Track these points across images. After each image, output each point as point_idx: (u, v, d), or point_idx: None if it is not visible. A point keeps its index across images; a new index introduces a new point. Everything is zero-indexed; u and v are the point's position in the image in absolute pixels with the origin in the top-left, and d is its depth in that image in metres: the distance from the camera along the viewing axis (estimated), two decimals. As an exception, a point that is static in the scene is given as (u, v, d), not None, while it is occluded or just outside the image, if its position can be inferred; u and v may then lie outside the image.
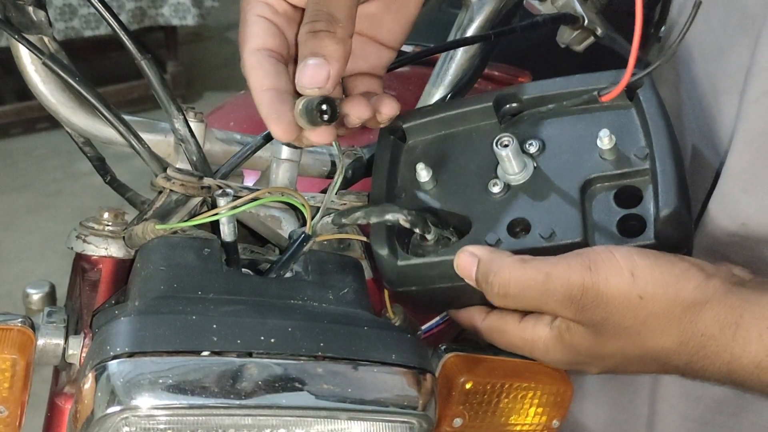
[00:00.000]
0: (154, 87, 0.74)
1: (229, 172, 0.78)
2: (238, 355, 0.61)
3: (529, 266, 0.65)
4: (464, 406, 0.78)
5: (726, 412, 0.86)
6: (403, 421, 0.65)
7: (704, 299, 0.62)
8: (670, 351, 0.64)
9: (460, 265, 0.68)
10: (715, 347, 0.62)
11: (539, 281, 0.64)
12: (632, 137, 0.70)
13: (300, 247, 0.72)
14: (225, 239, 0.71)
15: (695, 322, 0.62)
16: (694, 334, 0.62)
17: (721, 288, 0.62)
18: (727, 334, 0.61)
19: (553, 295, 0.64)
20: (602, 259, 0.63)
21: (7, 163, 3.65)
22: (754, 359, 0.61)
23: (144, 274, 0.70)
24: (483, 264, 0.66)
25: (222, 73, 4.47)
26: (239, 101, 1.44)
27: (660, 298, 0.62)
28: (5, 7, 0.72)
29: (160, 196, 0.74)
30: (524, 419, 0.80)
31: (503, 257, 0.66)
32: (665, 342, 0.63)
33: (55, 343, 0.71)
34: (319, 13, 0.63)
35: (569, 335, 0.67)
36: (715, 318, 0.62)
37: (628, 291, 0.62)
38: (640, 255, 0.63)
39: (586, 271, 0.62)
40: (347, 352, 0.64)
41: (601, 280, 0.62)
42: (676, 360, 0.64)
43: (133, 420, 0.60)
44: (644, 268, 0.62)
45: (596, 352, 0.67)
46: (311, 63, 0.62)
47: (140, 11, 3.83)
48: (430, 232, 0.71)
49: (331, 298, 0.71)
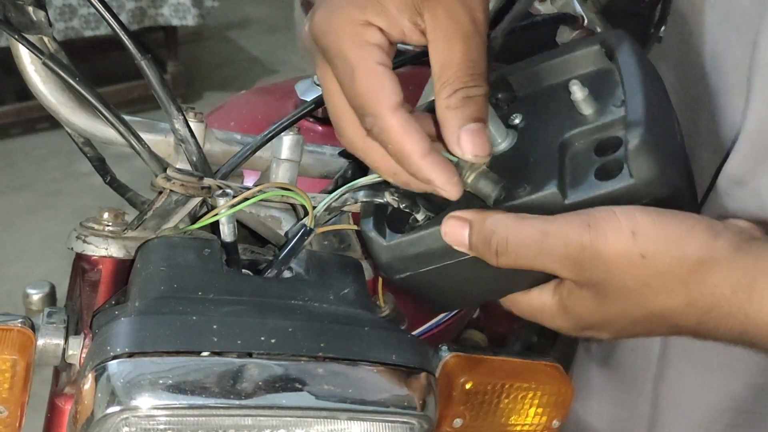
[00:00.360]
0: (153, 87, 0.74)
1: (230, 172, 0.78)
2: (239, 356, 0.61)
3: (527, 224, 0.62)
4: (465, 407, 0.78)
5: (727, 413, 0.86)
6: (403, 422, 0.65)
7: (712, 258, 0.59)
8: (677, 311, 0.61)
9: (448, 232, 0.64)
10: (728, 308, 0.59)
11: (537, 239, 0.61)
12: (613, 93, 0.68)
13: (301, 240, 0.71)
14: (225, 239, 0.71)
15: (703, 282, 0.59)
16: (702, 293, 0.59)
17: (730, 246, 0.59)
18: (740, 296, 0.59)
19: (551, 254, 0.61)
20: (602, 217, 0.60)
21: (7, 163, 3.65)
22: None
23: (144, 274, 0.70)
24: (476, 226, 0.63)
25: (222, 73, 4.47)
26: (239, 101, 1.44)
27: (663, 256, 0.59)
28: (5, 7, 0.72)
29: (160, 196, 0.74)
30: (524, 419, 0.80)
31: (497, 216, 0.63)
32: (671, 302, 0.60)
33: (55, 344, 0.71)
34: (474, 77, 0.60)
35: (571, 300, 0.65)
36: (725, 278, 0.59)
37: (628, 250, 0.59)
38: (642, 213, 0.60)
39: (584, 229, 0.60)
40: (348, 352, 0.64)
41: (600, 238, 0.59)
42: (684, 320, 0.61)
43: (133, 420, 0.60)
44: (646, 226, 0.59)
45: (600, 315, 0.64)
46: (474, 128, 0.60)
47: (140, 11, 3.82)
48: (419, 211, 0.69)
49: (332, 298, 0.71)
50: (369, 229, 0.71)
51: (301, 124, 0.83)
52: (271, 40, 4.82)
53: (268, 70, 4.49)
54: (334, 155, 0.87)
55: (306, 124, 1.24)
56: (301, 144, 0.82)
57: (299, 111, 0.82)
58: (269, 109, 1.35)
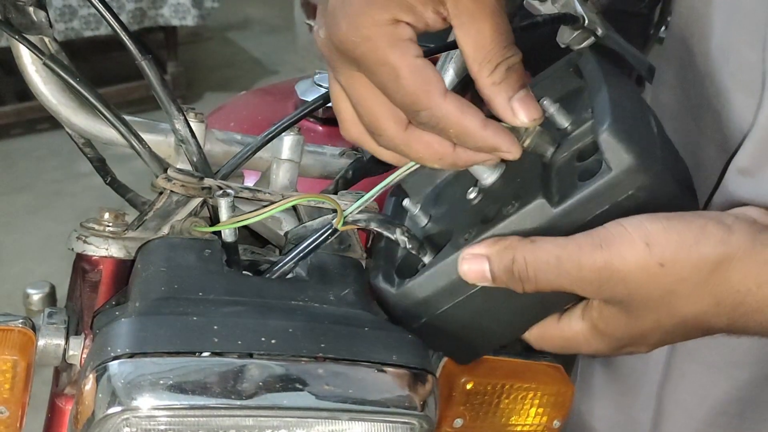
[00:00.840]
0: (154, 87, 0.74)
1: (230, 172, 0.78)
2: (239, 356, 0.61)
3: (539, 249, 0.62)
4: (465, 407, 0.78)
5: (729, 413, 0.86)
6: (403, 422, 0.65)
7: (730, 255, 0.58)
8: (708, 313, 0.60)
9: (468, 270, 0.64)
10: (755, 303, 0.59)
11: (552, 265, 0.61)
12: (585, 105, 0.69)
13: (325, 239, 0.70)
14: (226, 240, 0.71)
15: (727, 280, 0.59)
16: (728, 292, 0.59)
17: (746, 240, 0.59)
18: (765, 289, 0.58)
19: (568, 278, 0.61)
20: (612, 234, 0.59)
21: (8, 163, 3.65)
22: None
23: (145, 275, 0.70)
24: (495, 258, 0.63)
25: (222, 73, 4.48)
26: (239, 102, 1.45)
27: (683, 262, 0.59)
28: (6, 7, 0.72)
29: (161, 196, 0.74)
30: (525, 420, 0.80)
31: (511, 243, 0.62)
32: (701, 306, 0.60)
33: (55, 344, 0.71)
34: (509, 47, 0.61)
35: (602, 320, 0.64)
36: (747, 273, 0.58)
37: (645, 262, 0.59)
38: (651, 221, 0.59)
39: (597, 250, 0.59)
40: (348, 352, 0.64)
41: (614, 256, 0.59)
42: (716, 321, 0.61)
43: (134, 421, 0.60)
44: (658, 234, 0.59)
45: (635, 330, 0.64)
46: (523, 95, 0.61)
47: (140, 12, 3.83)
48: (426, 254, 0.70)
49: (332, 298, 0.70)
50: (378, 281, 0.72)
51: (302, 124, 0.83)
52: (272, 40, 4.83)
53: (268, 71, 4.49)
54: (334, 155, 0.87)
55: (306, 124, 1.24)
56: (301, 144, 0.82)
57: (300, 111, 0.82)
58: (269, 109, 1.35)
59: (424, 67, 0.60)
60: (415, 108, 0.60)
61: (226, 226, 0.70)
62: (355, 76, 0.62)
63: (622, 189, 0.61)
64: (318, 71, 1.27)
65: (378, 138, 0.64)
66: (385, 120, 0.63)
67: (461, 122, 0.61)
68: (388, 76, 0.60)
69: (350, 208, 0.70)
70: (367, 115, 0.63)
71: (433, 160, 0.64)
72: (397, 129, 0.63)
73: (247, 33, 4.93)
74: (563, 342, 0.68)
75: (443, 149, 0.63)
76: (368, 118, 0.63)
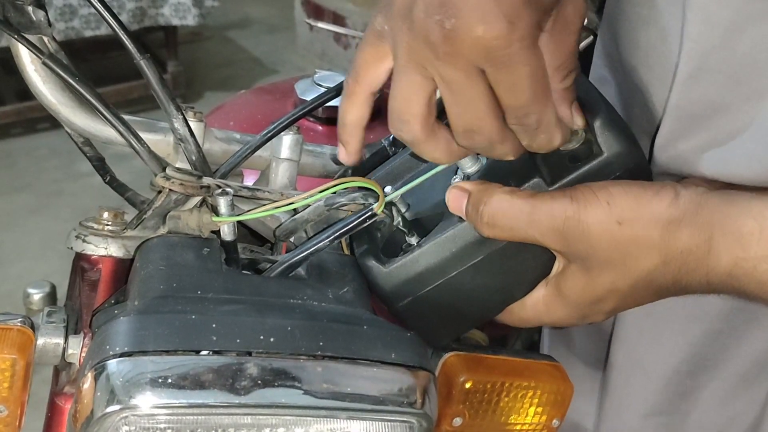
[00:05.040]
0: (153, 87, 0.74)
1: (229, 171, 0.78)
2: (238, 355, 0.61)
3: (516, 197, 0.67)
4: (464, 405, 0.78)
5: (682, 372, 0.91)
6: (402, 420, 0.65)
7: (679, 216, 0.65)
8: (655, 271, 0.66)
9: (451, 198, 0.70)
10: (694, 263, 0.65)
11: (525, 211, 0.67)
12: None
13: (363, 222, 0.71)
14: (224, 238, 0.71)
15: (674, 240, 0.65)
16: (674, 252, 0.65)
17: (692, 202, 0.65)
18: (702, 249, 0.65)
19: (539, 226, 0.66)
20: (582, 191, 0.66)
21: (8, 163, 3.65)
22: (725, 269, 0.65)
23: (143, 273, 0.70)
24: (473, 195, 0.69)
25: (222, 73, 4.48)
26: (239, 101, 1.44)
27: (637, 221, 0.65)
28: (5, 7, 0.72)
29: (160, 195, 0.74)
30: (524, 418, 0.80)
31: (493, 188, 0.68)
32: (649, 264, 0.66)
33: (54, 343, 0.71)
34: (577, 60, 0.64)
35: (563, 280, 0.70)
36: (690, 236, 0.65)
37: (606, 218, 0.65)
38: (615, 185, 0.66)
39: (566, 202, 0.66)
40: (347, 351, 0.64)
41: (581, 210, 0.65)
42: (664, 280, 0.67)
43: (133, 419, 0.60)
44: (618, 196, 0.65)
45: (591, 294, 0.69)
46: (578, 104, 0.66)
47: (140, 11, 3.83)
48: (413, 234, 0.72)
49: (331, 297, 0.71)
50: (368, 259, 0.74)
51: (301, 123, 0.83)
52: (272, 40, 4.83)
53: (268, 70, 4.49)
54: (333, 155, 0.87)
55: (306, 123, 1.24)
56: (300, 143, 0.82)
57: (299, 110, 0.82)
58: (269, 108, 1.35)
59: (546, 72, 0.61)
60: (529, 111, 0.61)
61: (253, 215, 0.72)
62: (473, 73, 0.59)
63: (612, 170, 0.68)
64: (317, 70, 1.27)
65: (472, 136, 0.63)
66: (491, 118, 0.61)
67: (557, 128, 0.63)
68: (523, 77, 0.59)
69: (393, 194, 0.72)
70: (472, 112, 0.61)
71: (512, 155, 0.65)
72: (499, 127, 0.62)
73: (247, 32, 4.93)
74: (526, 313, 0.74)
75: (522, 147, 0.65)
76: (472, 115, 0.61)
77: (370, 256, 0.74)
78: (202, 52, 4.67)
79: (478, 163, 0.73)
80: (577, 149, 0.69)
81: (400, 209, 0.75)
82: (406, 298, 0.72)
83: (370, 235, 0.76)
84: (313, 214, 0.74)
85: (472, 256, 0.71)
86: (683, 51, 0.74)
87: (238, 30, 4.93)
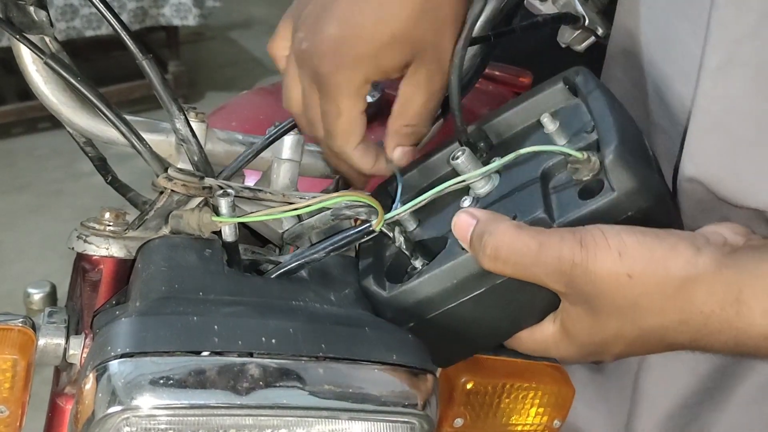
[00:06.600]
0: (155, 87, 0.74)
1: (232, 174, 0.78)
2: (239, 356, 0.61)
3: (524, 232, 0.64)
4: (465, 407, 0.78)
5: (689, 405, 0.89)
6: (404, 421, 0.65)
7: (696, 275, 0.60)
8: (670, 329, 0.62)
9: (458, 223, 0.67)
10: (718, 324, 0.60)
11: (532, 249, 0.63)
12: (583, 122, 0.71)
13: (360, 236, 0.71)
14: (226, 240, 0.71)
15: (692, 300, 0.61)
16: (693, 312, 0.61)
17: (713, 261, 0.60)
18: (729, 311, 0.60)
19: (544, 266, 0.63)
20: (592, 236, 0.62)
21: (9, 162, 3.65)
22: (761, 332, 0.60)
23: (145, 274, 0.70)
24: (480, 224, 0.66)
25: (224, 73, 4.48)
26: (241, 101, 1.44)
27: (649, 276, 0.61)
28: (6, 6, 0.72)
29: (162, 196, 0.74)
30: (525, 419, 0.80)
31: (501, 220, 0.65)
32: (663, 320, 0.62)
33: (55, 344, 0.71)
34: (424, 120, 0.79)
35: (569, 320, 0.67)
36: (712, 295, 0.60)
37: (615, 270, 0.61)
38: (627, 232, 0.62)
39: (577, 246, 0.62)
40: (348, 352, 0.64)
41: (590, 256, 0.61)
42: (679, 338, 0.63)
43: (134, 420, 0.59)
44: (631, 246, 0.61)
45: (598, 335, 0.66)
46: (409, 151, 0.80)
47: (141, 11, 3.83)
48: (417, 258, 0.71)
49: (332, 298, 0.71)
50: (369, 282, 0.72)
51: (302, 123, 0.83)
52: (273, 40, 4.82)
53: (270, 71, 4.48)
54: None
55: (307, 124, 1.23)
56: (302, 144, 0.82)
57: None
58: (271, 109, 1.35)
59: (357, 122, 0.76)
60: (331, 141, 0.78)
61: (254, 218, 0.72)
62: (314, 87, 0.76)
63: (623, 210, 0.64)
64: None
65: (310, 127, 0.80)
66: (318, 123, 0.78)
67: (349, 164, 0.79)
68: (333, 112, 0.76)
69: (392, 213, 0.71)
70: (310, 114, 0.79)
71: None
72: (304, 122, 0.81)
73: (250, 33, 4.93)
74: (534, 345, 0.71)
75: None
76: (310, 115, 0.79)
77: (370, 278, 0.73)
78: (205, 53, 4.67)
79: (490, 184, 0.71)
80: (590, 182, 0.66)
81: (406, 227, 0.74)
82: (407, 323, 0.70)
83: (377, 252, 0.75)
84: (320, 222, 0.74)
85: (474, 288, 0.68)
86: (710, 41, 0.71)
87: (240, 30, 4.93)
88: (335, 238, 0.72)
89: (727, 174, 0.74)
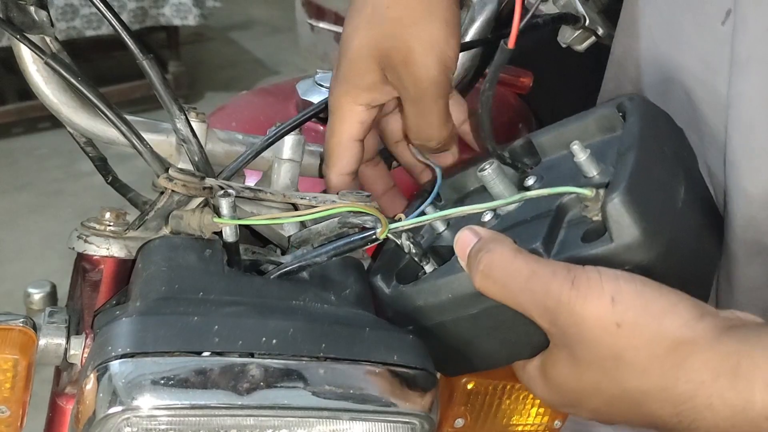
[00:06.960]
0: (155, 87, 0.74)
1: (233, 174, 0.78)
2: (240, 356, 0.61)
3: (520, 257, 0.60)
4: (466, 407, 0.78)
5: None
6: (405, 422, 0.65)
7: (692, 340, 0.54)
8: (651, 396, 0.56)
9: (460, 239, 0.64)
10: (707, 398, 0.54)
11: (523, 275, 0.59)
12: (616, 156, 0.66)
13: (363, 243, 0.71)
14: (227, 240, 0.71)
15: (681, 366, 0.54)
16: (678, 379, 0.55)
17: (713, 329, 0.55)
18: (722, 382, 0.53)
19: (531, 296, 0.59)
20: (587, 277, 0.57)
21: (9, 162, 3.65)
22: (762, 411, 0.52)
23: (145, 274, 0.70)
24: (480, 242, 0.63)
25: (224, 73, 4.48)
26: (241, 101, 1.45)
27: (640, 330, 0.56)
28: (7, 6, 0.72)
29: (162, 196, 0.74)
30: (526, 420, 0.80)
31: (501, 241, 0.62)
32: (644, 383, 0.56)
33: (56, 344, 0.71)
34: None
35: (550, 363, 0.63)
36: (705, 363, 0.54)
37: (604, 316, 0.56)
38: (627, 280, 0.57)
39: (566, 284, 0.57)
40: (349, 353, 0.64)
41: (579, 298, 0.57)
42: (660, 408, 0.56)
43: (135, 420, 0.59)
44: (627, 294, 0.56)
45: (576, 385, 0.61)
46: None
47: (142, 11, 3.83)
48: (428, 262, 0.71)
49: (333, 299, 0.70)
50: (376, 277, 0.72)
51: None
52: (274, 41, 4.83)
53: (270, 71, 4.49)
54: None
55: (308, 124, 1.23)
56: (302, 144, 0.82)
57: (306, 113, 0.82)
58: (271, 109, 1.35)
59: (348, 147, 0.80)
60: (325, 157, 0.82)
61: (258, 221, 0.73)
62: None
63: (620, 263, 0.59)
64: (319, 71, 1.27)
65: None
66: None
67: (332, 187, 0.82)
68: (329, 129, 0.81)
69: (396, 224, 0.70)
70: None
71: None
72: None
73: (250, 33, 4.93)
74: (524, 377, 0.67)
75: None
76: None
77: (378, 273, 0.73)
78: (205, 53, 4.67)
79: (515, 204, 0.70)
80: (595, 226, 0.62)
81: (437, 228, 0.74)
82: (407, 326, 0.69)
83: (394, 253, 0.75)
84: (327, 229, 0.74)
85: (468, 307, 0.66)
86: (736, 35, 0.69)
87: (240, 31, 4.93)
88: (338, 243, 0.72)
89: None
